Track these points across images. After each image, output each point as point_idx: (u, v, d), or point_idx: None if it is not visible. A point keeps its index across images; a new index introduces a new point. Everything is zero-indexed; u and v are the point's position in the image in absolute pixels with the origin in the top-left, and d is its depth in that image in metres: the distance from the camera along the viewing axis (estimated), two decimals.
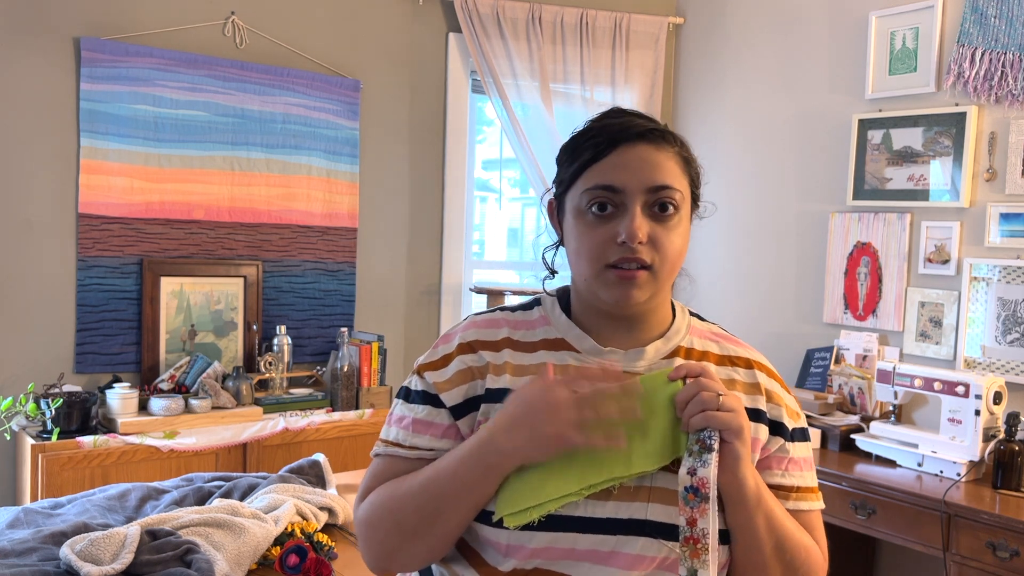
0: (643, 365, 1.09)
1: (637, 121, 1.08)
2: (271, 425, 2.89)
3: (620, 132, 1.06)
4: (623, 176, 1.04)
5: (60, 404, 2.60)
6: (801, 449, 1.13)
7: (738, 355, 1.14)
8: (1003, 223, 2.85)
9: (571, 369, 1.06)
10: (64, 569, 1.59)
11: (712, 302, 3.79)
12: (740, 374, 1.12)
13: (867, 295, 3.23)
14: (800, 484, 1.11)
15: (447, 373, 1.10)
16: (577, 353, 1.10)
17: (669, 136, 1.09)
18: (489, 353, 1.10)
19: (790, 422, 1.12)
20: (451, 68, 3.61)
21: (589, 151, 1.06)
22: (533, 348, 1.11)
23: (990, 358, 2.87)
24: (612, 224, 1.04)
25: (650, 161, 1.05)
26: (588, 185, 1.05)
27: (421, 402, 1.10)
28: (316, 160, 3.32)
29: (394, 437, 1.11)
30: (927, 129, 3.05)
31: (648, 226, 1.04)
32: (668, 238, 1.05)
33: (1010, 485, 2.49)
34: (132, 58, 2.92)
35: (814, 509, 1.13)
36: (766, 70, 3.60)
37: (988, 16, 2.88)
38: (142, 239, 2.98)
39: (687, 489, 0.98)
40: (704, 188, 1.22)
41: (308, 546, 1.77)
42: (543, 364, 1.07)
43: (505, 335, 1.12)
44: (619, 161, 1.05)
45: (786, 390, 1.15)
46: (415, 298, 3.62)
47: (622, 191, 1.04)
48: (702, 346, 1.14)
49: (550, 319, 1.13)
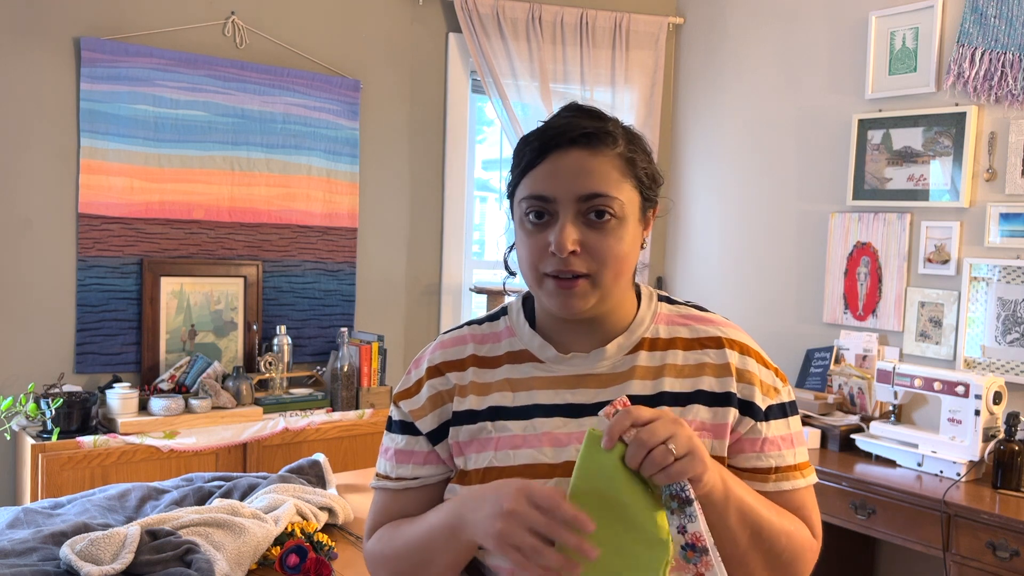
0: (605, 366, 1.09)
1: (578, 123, 1.04)
2: (271, 425, 2.89)
3: (554, 138, 1.03)
4: (553, 185, 1.02)
5: (60, 404, 2.60)
6: (778, 427, 1.09)
7: (709, 335, 1.10)
8: (1003, 223, 2.85)
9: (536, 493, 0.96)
10: (64, 569, 1.59)
11: (712, 302, 3.79)
12: (710, 355, 1.09)
13: (867, 295, 3.23)
14: (779, 464, 1.08)
15: (420, 400, 1.12)
16: (540, 363, 1.10)
17: (609, 138, 1.04)
18: (455, 374, 1.12)
19: (764, 400, 1.08)
20: (451, 68, 3.62)
21: (527, 156, 1.05)
22: (497, 363, 1.12)
23: (990, 358, 2.87)
24: (546, 233, 1.03)
25: (583, 168, 1.02)
26: (524, 194, 1.05)
27: (400, 432, 1.14)
28: (316, 160, 3.32)
29: (383, 469, 1.16)
30: (927, 129, 3.05)
31: (581, 234, 1.01)
32: (605, 244, 1.02)
33: (1010, 485, 2.49)
34: (132, 58, 2.92)
35: (799, 488, 1.09)
36: (766, 70, 3.60)
37: (988, 16, 2.88)
38: (142, 239, 2.98)
39: (684, 548, 0.94)
40: (704, 188, 1.21)
41: (308, 546, 1.77)
42: (505, 380, 1.09)
43: (470, 352, 1.13)
44: (551, 169, 1.03)
45: (763, 363, 1.10)
46: (415, 298, 3.62)
47: (553, 200, 1.02)
48: (669, 333, 1.11)
49: (515, 329, 1.14)
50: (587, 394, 1.08)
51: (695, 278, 3.89)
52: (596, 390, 1.08)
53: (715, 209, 3.79)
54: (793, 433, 1.11)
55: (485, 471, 1.07)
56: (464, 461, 1.09)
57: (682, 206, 3.94)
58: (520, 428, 1.07)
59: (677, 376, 1.08)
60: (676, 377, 1.08)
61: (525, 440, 1.06)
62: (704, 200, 3.84)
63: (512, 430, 1.07)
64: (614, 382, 1.08)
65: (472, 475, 1.07)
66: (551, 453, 1.05)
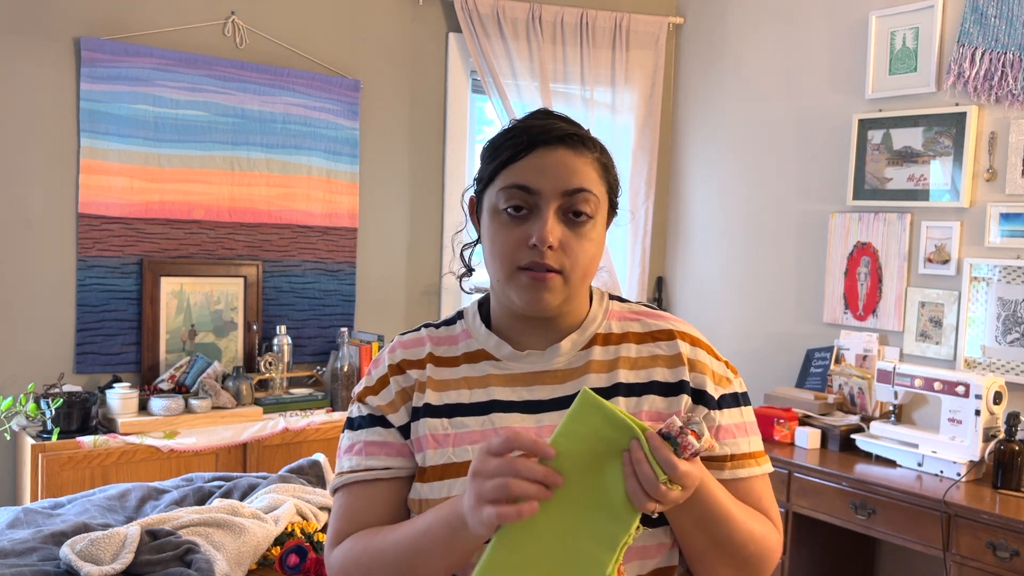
0: (561, 362, 1.10)
1: (559, 124, 1.08)
2: (271, 425, 2.89)
3: (540, 134, 1.06)
4: (539, 178, 1.04)
5: (60, 404, 2.60)
6: (732, 415, 1.11)
7: (660, 328, 1.13)
8: (1003, 223, 2.85)
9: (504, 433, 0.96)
10: (64, 569, 1.59)
11: (712, 302, 3.79)
12: (662, 347, 1.11)
13: (867, 295, 3.23)
14: (734, 452, 1.10)
15: (389, 395, 1.12)
16: (497, 361, 1.11)
17: (589, 142, 1.08)
18: (415, 371, 1.13)
19: (716, 389, 1.10)
20: (451, 68, 3.61)
21: (509, 150, 1.07)
22: (455, 363, 1.13)
23: (990, 358, 2.87)
24: (526, 226, 1.05)
25: (568, 165, 1.05)
26: (505, 184, 1.06)
27: (369, 425, 1.12)
28: (316, 160, 3.32)
29: (348, 466, 1.11)
30: (927, 129, 3.05)
31: (561, 231, 1.04)
32: (580, 245, 1.05)
33: (1010, 485, 2.49)
34: (132, 58, 2.92)
35: (754, 475, 1.10)
36: (766, 70, 3.60)
37: (988, 16, 2.88)
38: (142, 239, 2.98)
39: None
40: (704, 188, 1.22)
41: (308, 546, 1.77)
42: (463, 379, 1.10)
43: (428, 351, 1.14)
44: (537, 163, 1.05)
45: (714, 356, 1.13)
46: (415, 298, 3.62)
47: (537, 193, 1.04)
48: (621, 328, 1.13)
49: (471, 331, 1.15)
50: (544, 390, 1.09)
51: (695, 278, 3.89)
52: (553, 386, 1.10)
53: (715, 209, 3.79)
54: (747, 422, 1.13)
55: (443, 467, 1.06)
56: (423, 458, 1.08)
57: (682, 206, 3.94)
58: (478, 424, 1.08)
59: (631, 368, 1.10)
60: (630, 369, 1.10)
61: (483, 436, 1.07)
62: (704, 200, 3.84)
63: (470, 426, 1.08)
64: (570, 378, 1.10)
65: (430, 472, 1.07)
66: None
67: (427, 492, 1.07)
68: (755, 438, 1.13)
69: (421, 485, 1.08)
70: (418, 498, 1.08)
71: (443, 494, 1.05)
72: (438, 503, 1.04)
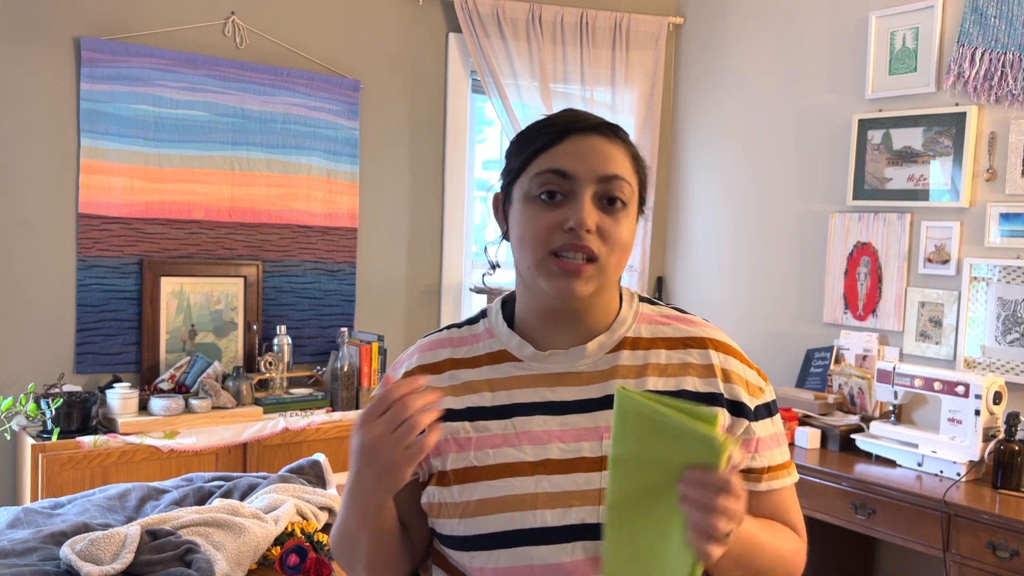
0: (586, 364, 1.08)
1: (591, 115, 1.09)
2: (271, 425, 2.89)
3: (574, 123, 1.06)
4: (575, 163, 1.03)
5: (60, 404, 2.60)
6: (766, 426, 1.10)
7: (692, 336, 1.11)
8: (1003, 223, 2.85)
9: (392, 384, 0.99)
10: (64, 569, 1.59)
11: (711, 302, 3.79)
12: (694, 356, 1.09)
13: (867, 295, 3.23)
14: (770, 463, 1.10)
15: None
16: (519, 362, 1.10)
17: (622, 133, 1.09)
18: (432, 377, 1.11)
19: (751, 400, 1.09)
20: (451, 68, 3.61)
21: (542, 139, 1.06)
22: (477, 363, 1.12)
23: (990, 358, 2.87)
24: (560, 211, 1.03)
25: (602, 152, 1.05)
26: (539, 170, 1.05)
27: None
28: (316, 160, 3.32)
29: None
30: (927, 129, 3.05)
31: (597, 216, 1.03)
32: (616, 230, 1.04)
33: (1010, 485, 2.49)
34: (132, 58, 2.92)
35: (786, 485, 1.11)
36: (766, 70, 3.60)
37: (988, 16, 2.88)
38: (142, 239, 2.98)
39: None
40: (704, 188, 1.22)
41: (308, 546, 1.77)
42: (485, 381, 1.10)
43: (447, 356, 1.13)
44: (572, 149, 1.04)
45: (746, 364, 1.12)
46: (415, 298, 3.62)
47: (573, 178, 1.03)
48: (651, 332, 1.11)
49: (493, 330, 1.14)
50: (568, 392, 1.08)
51: (695, 278, 3.89)
52: (578, 388, 1.08)
53: (715, 209, 3.79)
54: (778, 432, 1.13)
55: (465, 471, 1.06)
56: (442, 462, 1.07)
57: (682, 206, 3.94)
58: (500, 427, 1.07)
59: (660, 375, 1.08)
60: (659, 376, 1.08)
61: (505, 439, 1.06)
62: (704, 200, 3.84)
63: (492, 430, 1.07)
64: (595, 380, 1.08)
65: (451, 475, 1.06)
66: (531, 451, 1.05)
67: (447, 496, 1.06)
68: (785, 448, 1.13)
69: (441, 489, 1.07)
70: (438, 502, 1.07)
71: (463, 498, 1.04)
72: (458, 507, 1.05)
